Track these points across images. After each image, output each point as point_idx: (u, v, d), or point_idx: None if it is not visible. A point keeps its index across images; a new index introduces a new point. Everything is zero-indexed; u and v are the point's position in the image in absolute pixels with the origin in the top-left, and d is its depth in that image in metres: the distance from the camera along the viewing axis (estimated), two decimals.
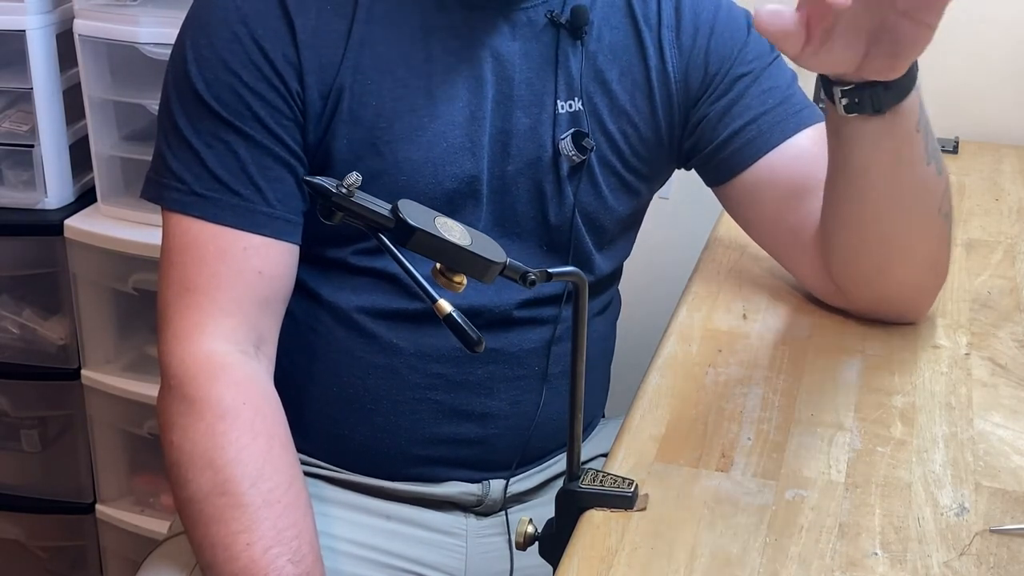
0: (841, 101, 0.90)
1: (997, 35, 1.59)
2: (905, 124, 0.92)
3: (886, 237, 1.00)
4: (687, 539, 0.80)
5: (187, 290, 0.96)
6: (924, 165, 0.96)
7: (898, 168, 0.95)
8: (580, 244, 1.07)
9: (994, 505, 0.84)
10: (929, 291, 1.07)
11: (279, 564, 0.88)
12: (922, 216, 1.00)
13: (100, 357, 1.73)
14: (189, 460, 0.92)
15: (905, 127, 0.92)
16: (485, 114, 1.00)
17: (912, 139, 0.94)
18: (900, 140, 0.93)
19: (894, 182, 0.96)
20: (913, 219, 0.99)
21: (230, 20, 0.97)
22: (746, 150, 1.06)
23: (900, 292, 1.06)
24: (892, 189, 0.97)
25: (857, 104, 0.90)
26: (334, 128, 0.98)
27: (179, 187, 0.98)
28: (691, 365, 1.02)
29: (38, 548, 1.92)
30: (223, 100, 0.96)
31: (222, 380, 0.94)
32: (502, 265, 0.76)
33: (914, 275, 1.04)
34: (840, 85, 0.90)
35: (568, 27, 1.02)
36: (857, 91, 0.89)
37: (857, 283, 1.06)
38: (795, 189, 1.05)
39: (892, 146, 0.94)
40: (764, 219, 1.10)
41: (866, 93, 0.89)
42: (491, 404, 1.06)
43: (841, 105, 0.90)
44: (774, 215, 1.08)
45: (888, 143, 0.93)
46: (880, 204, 0.98)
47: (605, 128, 1.04)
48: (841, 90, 0.90)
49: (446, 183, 1.00)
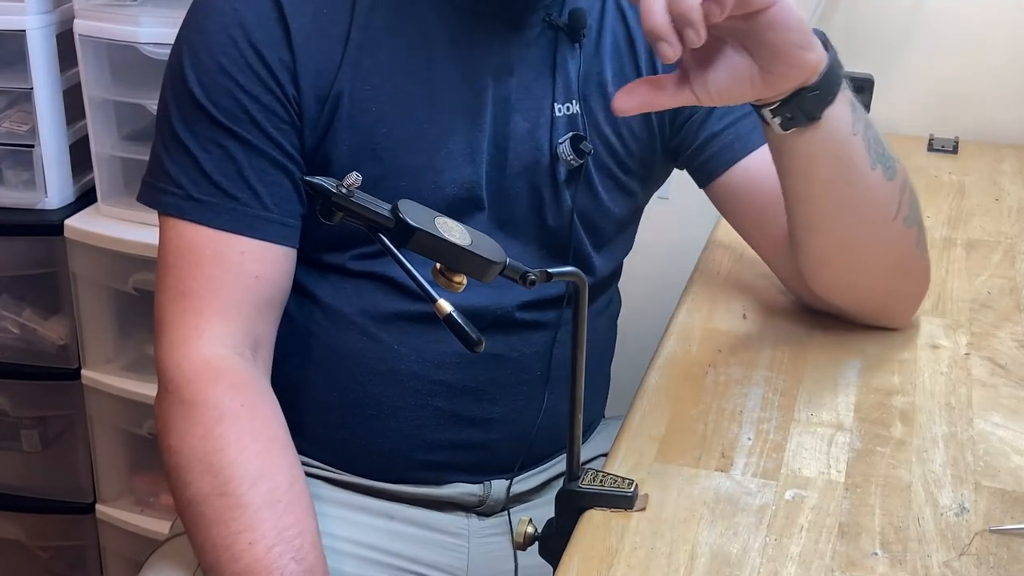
0: (775, 121, 0.90)
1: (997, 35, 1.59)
2: (840, 128, 0.92)
3: (843, 247, 1.00)
4: (687, 539, 0.80)
5: (184, 295, 0.96)
6: (868, 170, 0.95)
7: (837, 174, 0.95)
8: (578, 246, 1.07)
9: (994, 505, 0.84)
10: (907, 297, 1.07)
11: (282, 562, 0.88)
12: (875, 222, 0.99)
13: (100, 357, 1.73)
14: (188, 463, 0.92)
15: (839, 133, 0.92)
16: (485, 120, 1.00)
17: (849, 144, 0.93)
18: (836, 145, 0.93)
19: (837, 190, 0.96)
20: (865, 225, 0.99)
21: (227, 24, 0.97)
22: (725, 154, 1.07)
23: (872, 300, 1.06)
24: (837, 197, 0.96)
25: (791, 119, 0.90)
26: (333, 134, 0.98)
27: (176, 192, 0.98)
28: (691, 365, 1.02)
29: (38, 548, 1.92)
30: (220, 104, 0.96)
31: (219, 383, 0.94)
32: (502, 265, 0.76)
33: (882, 283, 1.04)
34: (767, 106, 0.90)
35: (566, 30, 1.02)
36: (784, 106, 0.89)
37: (828, 292, 1.06)
38: (773, 195, 1.05)
39: (829, 152, 0.93)
40: (747, 222, 1.10)
41: (793, 104, 0.89)
42: (493, 410, 1.06)
43: (776, 125, 0.90)
44: (756, 218, 1.08)
45: (826, 150, 0.93)
46: (828, 214, 0.98)
47: (601, 130, 1.04)
48: (770, 110, 0.90)
49: (446, 189, 1.00)
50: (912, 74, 1.61)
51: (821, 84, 0.89)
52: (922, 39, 1.60)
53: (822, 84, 0.89)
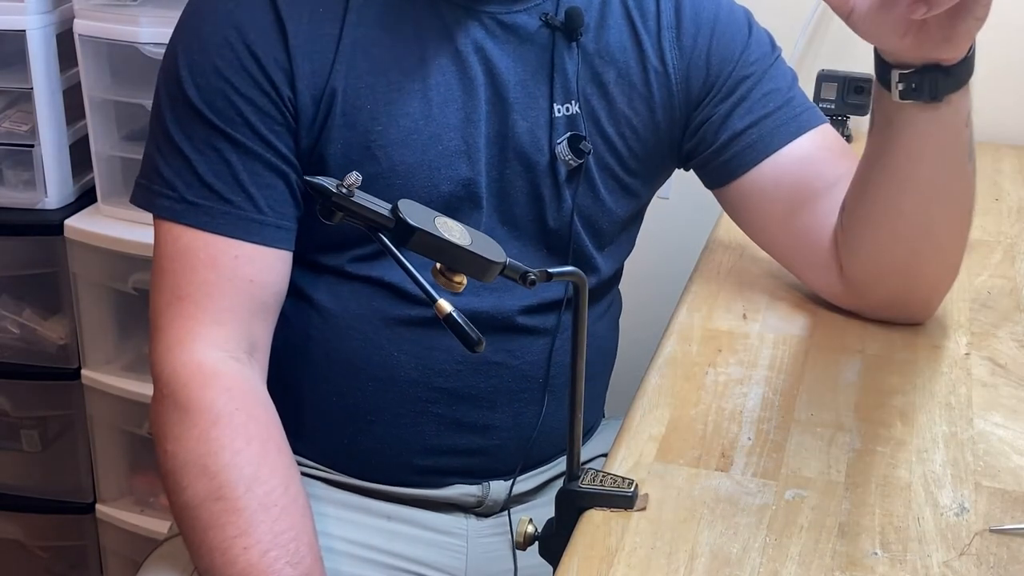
0: (898, 86, 0.89)
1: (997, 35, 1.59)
2: (957, 116, 0.92)
3: (921, 232, 1.00)
4: (687, 539, 0.80)
5: (178, 298, 0.96)
6: (966, 165, 0.96)
7: (943, 162, 0.95)
8: (580, 246, 1.07)
9: (994, 505, 0.84)
10: (943, 290, 1.07)
11: (277, 567, 0.88)
12: (957, 214, 1.00)
13: (100, 357, 1.73)
14: (183, 467, 0.92)
15: (957, 119, 0.92)
16: (480, 117, 1.00)
17: (961, 133, 0.93)
18: (950, 132, 0.93)
19: (937, 176, 0.96)
20: (949, 216, 0.99)
21: (222, 26, 0.96)
22: (747, 154, 1.06)
23: (918, 290, 1.06)
24: (935, 183, 0.96)
25: (914, 90, 0.89)
26: (328, 132, 0.97)
27: (170, 194, 0.97)
28: (691, 365, 1.02)
29: (38, 548, 1.92)
30: (215, 107, 0.96)
31: (214, 387, 0.94)
32: (502, 265, 0.76)
33: (937, 272, 1.04)
34: (899, 68, 0.89)
35: (563, 29, 1.01)
36: (916, 76, 0.89)
37: (877, 280, 1.05)
38: (801, 192, 1.05)
39: (942, 138, 0.93)
40: (769, 222, 1.09)
41: (925, 78, 0.88)
42: (494, 416, 1.06)
43: (897, 90, 0.90)
44: (780, 218, 1.08)
45: (939, 134, 0.93)
46: (921, 198, 0.97)
47: (603, 131, 1.04)
48: (900, 73, 0.89)
49: (442, 186, 1.00)
50: None
51: (958, 68, 0.88)
52: None
53: (959, 69, 0.88)
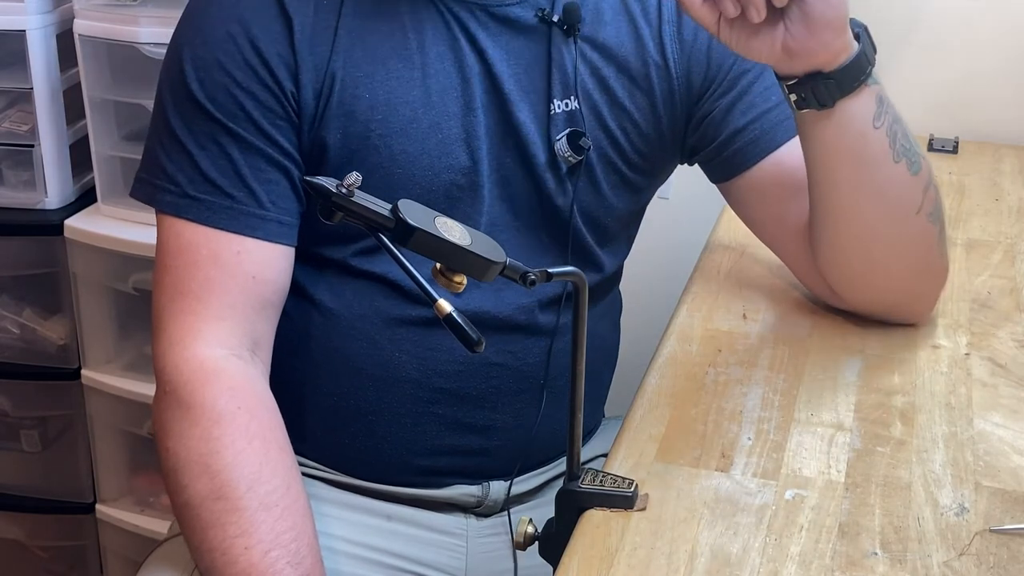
0: (790, 97, 0.92)
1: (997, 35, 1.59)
2: (857, 121, 0.92)
3: (863, 238, 1.00)
4: (687, 539, 0.80)
5: (180, 295, 0.96)
6: (891, 164, 0.96)
7: (859, 164, 0.95)
8: (582, 241, 1.07)
9: (994, 505, 0.84)
10: (924, 295, 1.07)
11: (278, 567, 0.88)
12: (897, 217, 0.99)
13: (100, 357, 1.73)
14: (185, 466, 0.92)
15: (858, 124, 0.93)
16: (478, 105, 1.00)
17: (869, 137, 0.94)
18: (853, 136, 0.93)
19: (859, 177, 0.96)
20: (887, 220, 0.99)
21: (226, 20, 0.96)
22: (750, 149, 1.06)
23: (889, 295, 1.06)
24: (858, 188, 0.97)
25: (804, 99, 0.91)
26: (327, 122, 0.97)
27: (173, 189, 0.97)
28: (691, 365, 1.02)
29: (38, 548, 1.92)
30: (217, 101, 0.96)
31: (216, 385, 0.94)
32: (502, 265, 0.76)
33: (900, 278, 1.04)
34: (784, 80, 0.92)
35: (560, 25, 1.01)
36: (801, 85, 0.91)
37: (844, 286, 1.06)
38: (800, 188, 1.05)
39: (846, 142, 0.94)
40: (767, 217, 1.10)
41: (809, 86, 0.91)
42: (494, 417, 1.05)
43: (791, 101, 0.92)
44: (778, 213, 1.08)
45: (843, 139, 0.94)
46: (849, 204, 0.98)
47: (605, 125, 1.04)
48: (787, 85, 0.92)
49: (443, 175, 0.99)
50: (912, 74, 1.61)
51: (839, 74, 0.89)
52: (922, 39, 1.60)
53: (840, 74, 0.89)
